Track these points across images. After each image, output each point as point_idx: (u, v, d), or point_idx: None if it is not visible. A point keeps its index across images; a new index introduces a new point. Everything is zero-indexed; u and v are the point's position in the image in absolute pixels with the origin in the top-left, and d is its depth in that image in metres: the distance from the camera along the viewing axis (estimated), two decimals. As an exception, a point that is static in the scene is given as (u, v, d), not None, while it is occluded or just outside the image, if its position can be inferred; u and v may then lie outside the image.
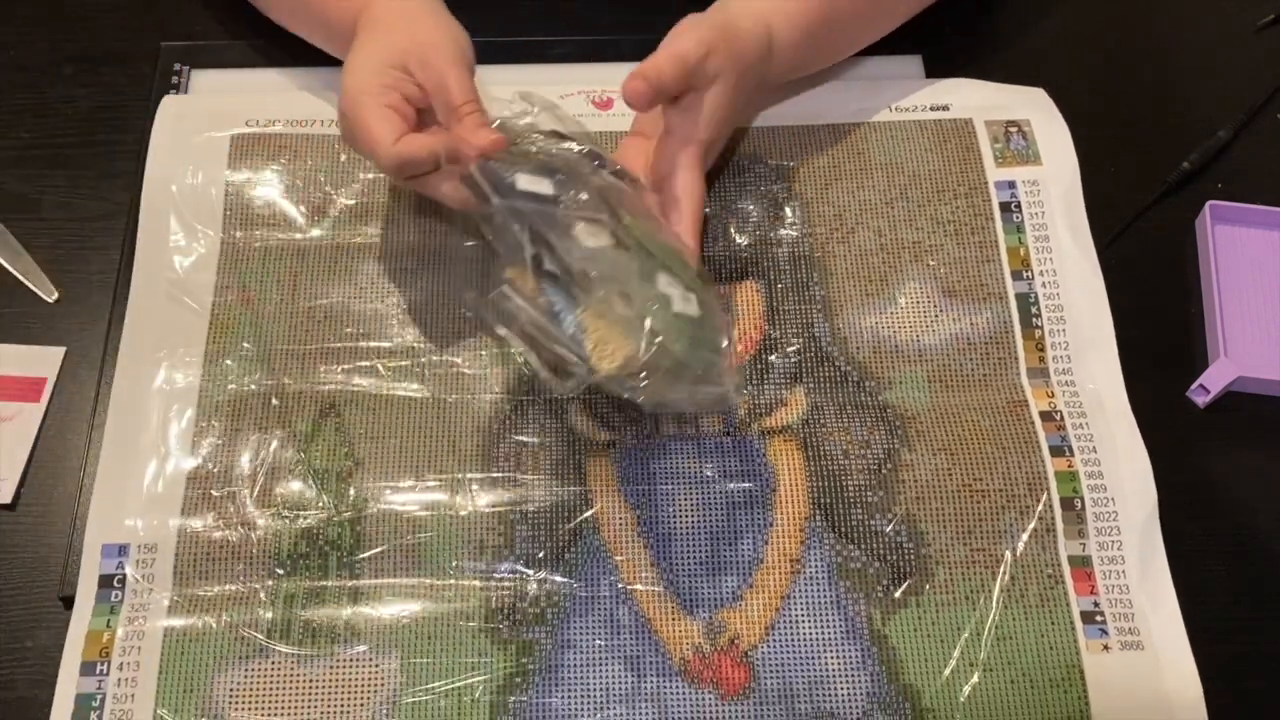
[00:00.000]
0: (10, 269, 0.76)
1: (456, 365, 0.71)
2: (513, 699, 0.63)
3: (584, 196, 0.63)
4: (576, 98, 0.80)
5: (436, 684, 0.63)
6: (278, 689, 0.63)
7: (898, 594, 0.65)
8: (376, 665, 0.63)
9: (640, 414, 0.70)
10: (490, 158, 0.63)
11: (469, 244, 0.75)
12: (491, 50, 0.80)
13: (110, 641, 0.63)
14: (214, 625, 0.64)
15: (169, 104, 0.79)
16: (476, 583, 0.65)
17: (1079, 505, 0.68)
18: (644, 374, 0.61)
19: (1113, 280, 0.75)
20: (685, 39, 0.67)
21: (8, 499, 0.68)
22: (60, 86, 0.83)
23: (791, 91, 0.80)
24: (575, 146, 0.65)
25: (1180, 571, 0.67)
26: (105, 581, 0.65)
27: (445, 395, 0.70)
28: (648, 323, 0.60)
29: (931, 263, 0.75)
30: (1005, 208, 0.77)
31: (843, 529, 0.67)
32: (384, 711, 0.62)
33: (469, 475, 0.68)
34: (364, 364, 0.71)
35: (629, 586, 0.65)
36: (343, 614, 0.64)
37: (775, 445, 0.69)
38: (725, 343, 0.64)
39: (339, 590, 0.65)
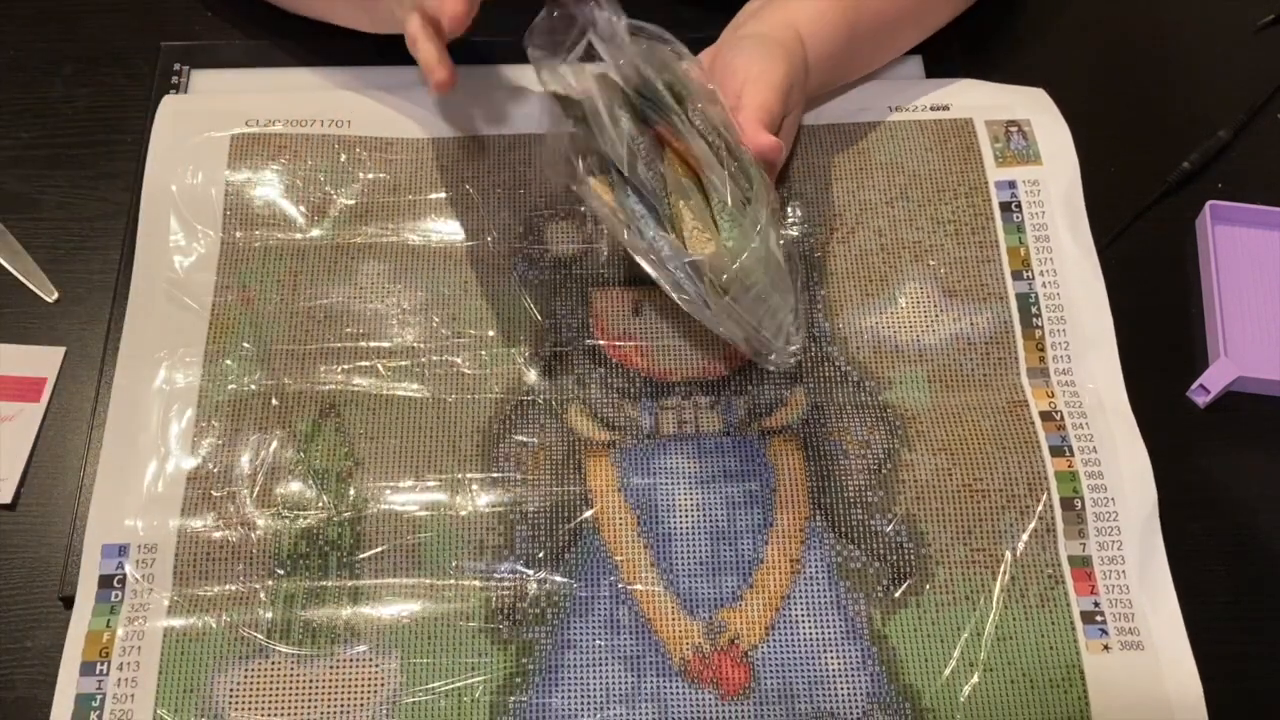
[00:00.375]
0: (10, 269, 0.76)
1: (456, 365, 0.71)
2: (513, 699, 0.63)
3: (705, 114, 0.64)
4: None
5: (436, 684, 0.63)
6: (278, 689, 0.63)
7: (898, 594, 0.65)
8: (376, 665, 0.63)
9: (640, 414, 0.70)
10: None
11: (469, 244, 0.75)
12: (494, 51, 0.81)
13: (110, 641, 0.63)
14: (214, 625, 0.64)
15: (169, 104, 0.79)
16: (476, 583, 0.65)
17: (1079, 505, 0.68)
18: (725, 284, 0.61)
19: (1113, 280, 0.75)
20: (776, 75, 0.68)
21: (8, 499, 0.68)
22: (60, 86, 0.83)
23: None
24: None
25: (1180, 571, 0.67)
26: (105, 581, 0.65)
27: (445, 395, 0.70)
28: (753, 241, 0.61)
29: (932, 262, 0.75)
30: (1005, 207, 0.77)
31: (843, 529, 0.67)
32: (384, 711, 0.62)
33: (469, 475, 0.68)
34: (364, 364, 0.71)
35: (629, 586, 0.65)
36: (343, 614, 0.64)
37: (775, 445, 0.69)
38: (794, 301, 0.64)
39: (339, 590, 0.65)
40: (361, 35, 0.78)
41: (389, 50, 0.76)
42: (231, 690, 0.62)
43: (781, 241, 0.64)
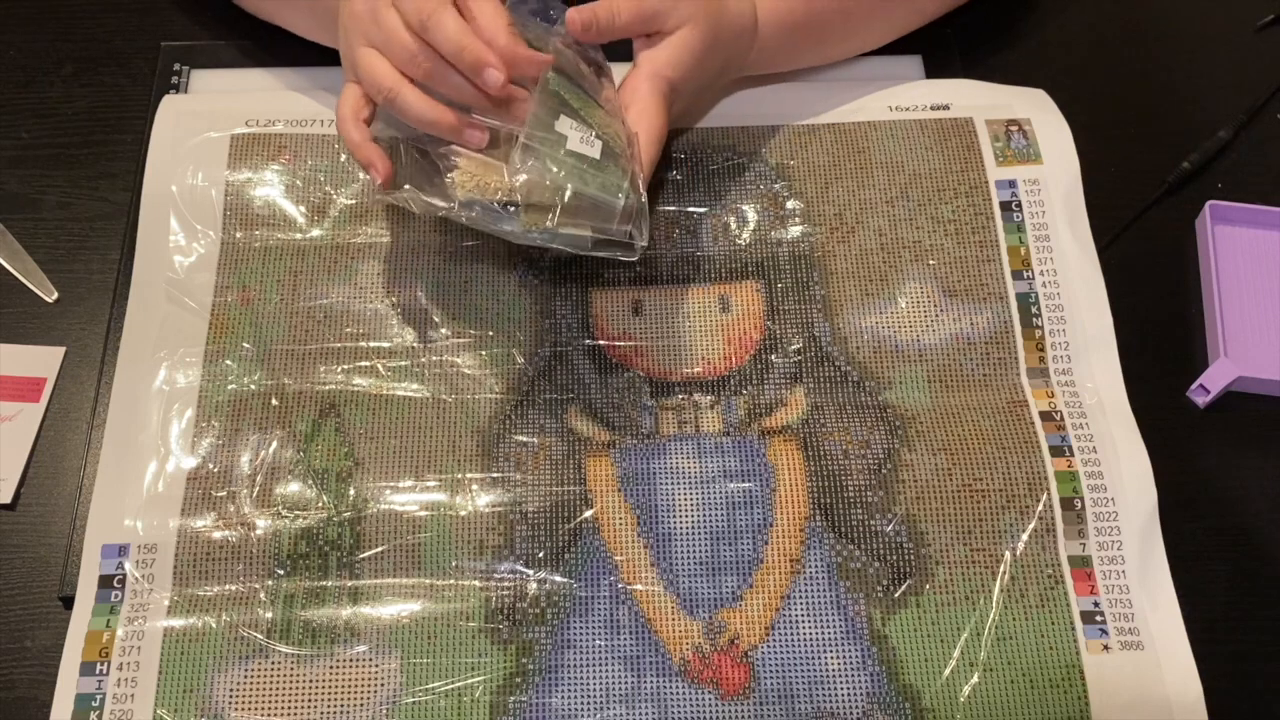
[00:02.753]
0: (10, 269, 0.76)
1: (456, 365, 0.71)
2: (513, 699, 0.63)
3: None
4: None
5: (436, 684, 0.63)
6: (278, 689, 0.63)
7: (898, 594, 0.65)
8: (376, 665, 0.63)
9: (640, 414, 0.70)
10: None
11: (468, 244, 0.75)
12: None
13: (110, 641, 0.63)
14: (214, 625, 0.64)
15: (169, 104, 0.79)
16: (476, 583, 0.65)
17: (1079, 505, 0.68)
18: (519, 201, 0.64)
19: (1113, 280, 0.75)
20: None
21: (8, 499, 0.68)
22: (60, 86, 0.83)
23: (792, 91, 0.80)
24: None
25: (1180, 571, 0.67)
26: (105, 581, 0.65)
27: (445, 395, 0.70)
28: (516, 155, 0.64)
29: (932, 262, 0.75)
30: (1006, 207, 0.77)
31: (843, 529, 0.67)
32: (384, 711, 0.62)
33: (469, 475, 0.68)
34: (364, 364, 0.71)
35: (629, 586, 0.65)
36: (343, 614, 0.64)
37: (775, 445, 0.69)
38: (625, 183, 0.65)
39: (339, 590, 0.65)
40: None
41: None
42: (231, 690, 0.62)
43: (595, 136, 0.65)
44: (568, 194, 0.64)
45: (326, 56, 0.81)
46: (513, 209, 0.65)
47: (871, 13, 0.79)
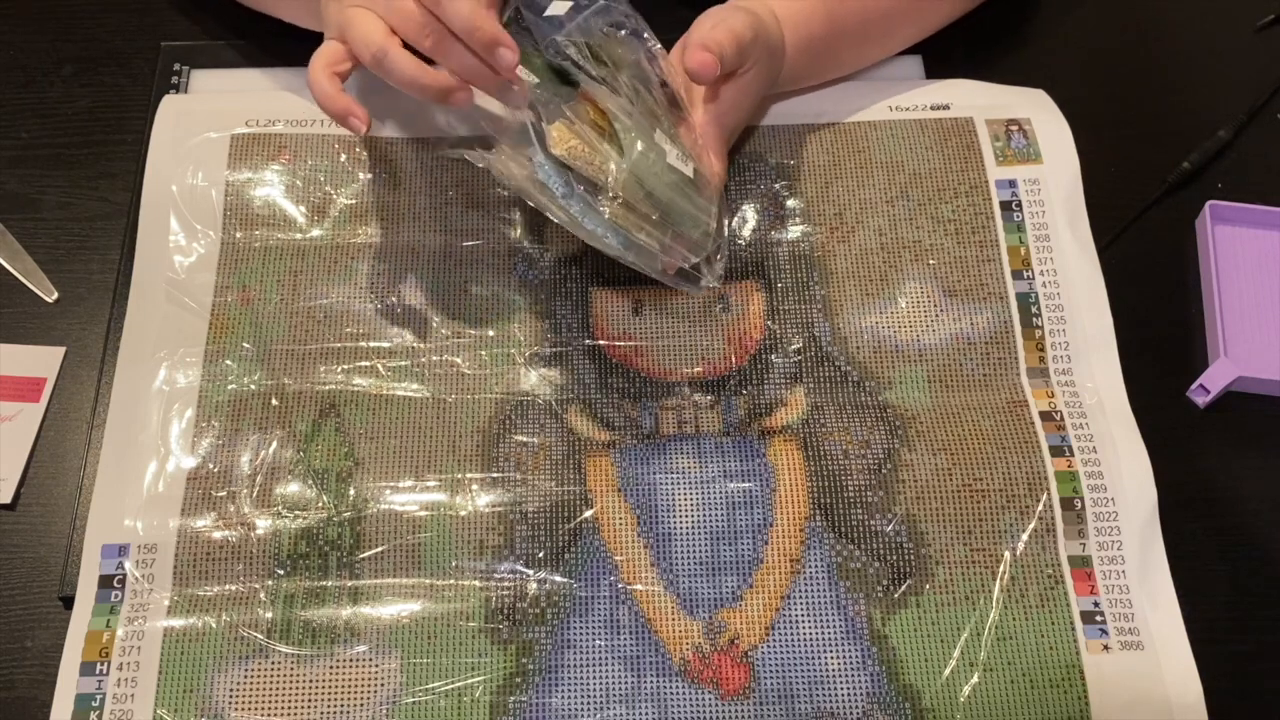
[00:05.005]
0: (10, 269, 0.76)
1: (456, 365, 0.71)
2: (513, 699, 0.63)
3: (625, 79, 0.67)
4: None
5: (436, 684, 0.63)
6: (278, 689, 0.63)
7: (898, 594, 0.65)
8: (376, 665, 0.63)
9: (640, 414, 0.70)
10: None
11: (468, 244, 0.75)
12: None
13: (110, 642, 0.63)
14: (214, 625, 0.64)
15: (169, 104, 0.79)
16: (476, 583, 0.65)
17: (1079, 505, 0.68)
18: (610, 193, 0.64)
19: (1113, 280, 0.75)
20: (736, 20, 0.68)
21: (8, 499, 0.68)
22: (60, 86, 0.83)
23: (792, 91, 0.80)
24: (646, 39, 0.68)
25: (1180, 571, 0.67)
26: (105, 581, 0.65)
27: (445, 395, 0.70)
28: (628, 143, 0.64)
29: (932, 262, 0.75)
30: (1006, 206, 0.77)
31: (843, 529, 0.67)
32: (384, 711, 0.62)
33: (469, 475, 0.68)
34: (364, 364, 0.71)
35: (629, 586, 0.65)
36: (343, 614, 0.64)
37: (775, 445, 0.69)
38: (714, 209, 0.66)
39: (339, 590, 0.65)
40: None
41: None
42: (231, 690, 0.62)
43: (689, 161, 0.66)
44: (666, 199, 0.64)
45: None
46: (601, 202, 0.64)
47: (887, 32, 0.80)
